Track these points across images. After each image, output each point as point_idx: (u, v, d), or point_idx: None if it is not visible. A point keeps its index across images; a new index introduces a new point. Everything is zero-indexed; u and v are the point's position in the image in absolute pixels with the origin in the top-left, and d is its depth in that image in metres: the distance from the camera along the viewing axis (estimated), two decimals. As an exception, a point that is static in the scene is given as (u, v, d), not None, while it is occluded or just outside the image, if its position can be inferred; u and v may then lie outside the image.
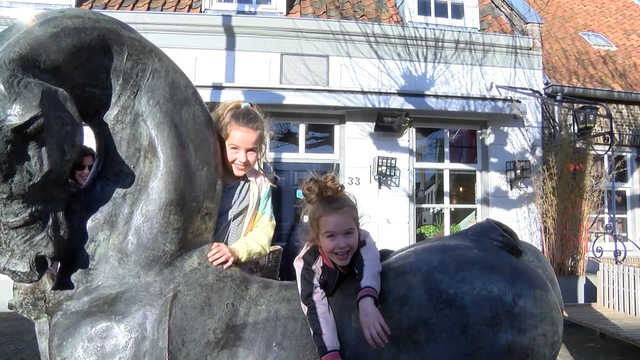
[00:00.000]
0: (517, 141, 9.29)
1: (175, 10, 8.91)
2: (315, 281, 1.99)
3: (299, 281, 2.04)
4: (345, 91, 8.52)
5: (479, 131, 9.55)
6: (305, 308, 1.98)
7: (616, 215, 9.72)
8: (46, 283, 2.11)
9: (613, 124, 8.85)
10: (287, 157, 9.00)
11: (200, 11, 8.98)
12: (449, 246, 2.01)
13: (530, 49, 9.50)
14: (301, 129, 9.13)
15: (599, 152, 8.88)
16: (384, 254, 2.13)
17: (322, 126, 9.39)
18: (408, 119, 8.84)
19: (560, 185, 8.53)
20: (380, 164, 8.50)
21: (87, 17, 1.90)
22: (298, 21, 8.92)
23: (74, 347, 1.82)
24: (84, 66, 1.86)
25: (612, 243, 8.36)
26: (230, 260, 2.18)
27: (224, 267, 2.15)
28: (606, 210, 9.57)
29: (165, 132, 2.03)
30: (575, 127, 9.17)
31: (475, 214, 9.57)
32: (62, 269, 2.00)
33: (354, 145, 8.86)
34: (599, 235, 8.72)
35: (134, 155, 2.03)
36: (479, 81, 9.33)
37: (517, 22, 9.84)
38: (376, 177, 8.69)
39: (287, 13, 9.28)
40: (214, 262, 2.13)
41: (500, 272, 1.82)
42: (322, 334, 1.89)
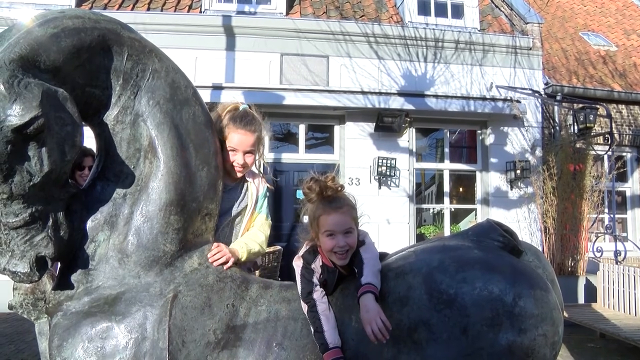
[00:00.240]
0: (517, 141, 9.29)
1: (175, 11, 8.91)
2: (315, 280, 2.00)
3: (298, 280, 2.04)
4: (345, 91, 8.52)
5: (479, 131, 9.55)
6: (305, 306, 1.98)
7: (616, 216, 9.71)
8: (46, 283, 2.11)
9: (613, 124, 8.85)
10: (287, 157, 9.00)
11: (200, 11, 8.98)
12: (449, 246, 2.01)
13: (530, 49, 9.50)
14: (301, 129, 9.13)
15: (599, 152, 8.88)
16: (380, 257, 2.13)
17: (322, 126, 9.39)
18: (408, 119, 8.84)
19: (560, 185, 8.53)
20: (380, 164, 8.50)
21: (87, 17, 1.90)
22: (298, 21, 8.93)
23: (74, 347, 1.82)
24: (84, 66, 1.86)
25: (612, 243, 8.36)
26: (231, 260, 2.18)
27: (225, 268, 2.15)
28: (606, 210, 9.56)
29: (166, 132, 2.03)
30: (575, 127, 9.18)
31: (476, 214, 9.57)
32: (62, 269, 2.00)
33: (354, 145, 8.85)
34: (599, 235, 8.72)
35: (134, 155, 2.03)
36: (479, 81, 9.33)
37: (517, 22, 9.84)
38: (376, 177, 8.69)
39: (287, 13, 9.28)
40: (215, 263, 2.13)
41: (501, 273, 1.82)
42: (324, 331, 1.89)
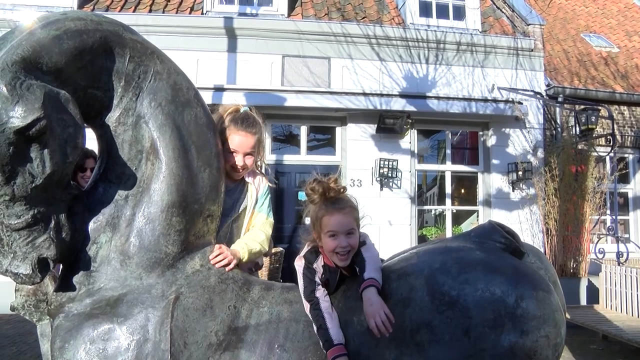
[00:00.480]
0: (519, 143, 9.28)
1: (177, 13, 8.92)
2: (317, 279, 2.00)
3: (300, 279, 2.04)
4: (346, 93, 8.52)
5: (480, 133, 9.54)
6: (308, 305, 1.97)
7: (618, 217, 9.68)
8: (48, 285, 2.11)
9: (615, 126, 8.83)
10: (288, 159, 9.00)
11: (202, 13, 8.99)
12: (451, 248, 2.01)
13: (532, 50, 9.50)
14: (303, 130, 9.13)
15: (600, 154, 8.87)
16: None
17: (323, 128, 9.39)
18: (409, 120, 8.83)
19: (562, 186, 8.52)
20: (381, 165, 8.49)
21: (89, 19, 1.91)
22: (299, 23, 8.93)
23: (76, 349, 1.81)
24: (86, 68, 1.87)
25: (615, 244, 8.34)
26: (233, 262, 2.18)
27: (227, 269, 2.15)
28: (608, 211, 9.54)
29: (167, 134, 2.04)
30: (577, 129, 9.16)
31: (477, 216, 9.56)
32: (64, 271, 2.00)
33: (355, 147, 8.85)
34: (601, 236, 8.71)
35: (136, 157, 2.03)
36: (481, 83, 9.32)
37: (518, 24, 9.84)
38: (378, 178, 8.68)
39: (289, 15, 9.29)
40: (217, 265, 2.13)
41: (503, 274, 1.81)
42: (328, 327, 1.89)
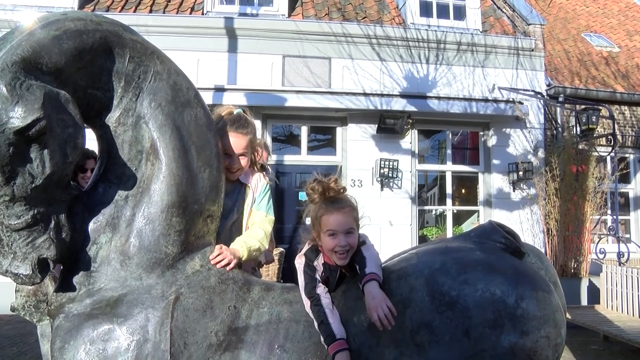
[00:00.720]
0: (520, 143, 9.27)
1: (177, 13, 8.93)
2: (318, 276, 2.01)
3: (301, 276, 2.04)
4: (347, 93, 8.52)
5: (481, 133, 9.53)
6: (308, 302, 1.97)
7: (619, 217, 9.69)
8: (48, 285, 2.11)
9: (615, 125, 8.83)
10: (289, 159, 9.00)
11: (203, 14, 8.99)
12: (451, 248, 2.01)
13: (533, 50, 9.49)
14: (303, 131, 9.13)
15: (601, 154, 8.86)
16: None
17: (324, 128, 9.39)
18: (410, 120, 8.83)
19: (562, 186, 8.51)
20: (382, 165, 8.49)
21: (89, 19, 1.91)
22: (300, 23, 8.93)
23: (76, 349, 1.81)
24: (86, 68, 1.87)
25: (615, 245, 8.34)
26: (233, 262, 2.18)
27: (227, 269, 2.15)
28: (609, 211, 9.52)
29: (167, 134, 2.03)
30: (578, 129, 9.15)
31: (478, 216, 9.55)
32: (64, 271, 2.00)
33: (356, 147, 8.85)
34: (602, 236, 8.70)
35: (136, 157, 2.03)
36: (481, 83, 9.32)
37: (519, 24, 9.83)
38: (378, 179, 8.68)
39: (289, 15, 9.29)
40: (217, 265, 2.13)
41: (503, 274, 1.81)
42: (330, 323, 1.88)
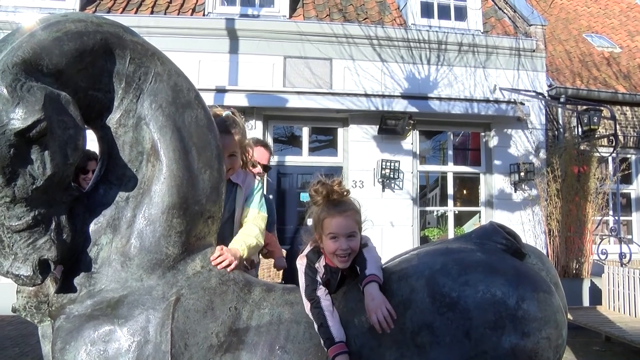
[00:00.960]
0: (521, 143, 9.27)
1: (178, 14, 8.94)
2: (319, 278, 2.00)
3: (302, 277, 2.04)
4: (348, 94, 8.53)
5: (482, 133, 9.53)
6: (308, 304, 1.97)
7: (621, 218, 9.67)
8: (49, 286, 2.11)
9: (617, 126, 8.81)
10: (290, 160, 9.01)
11: (204, 15, 9.00)
12: (451, 249, 2.01)
13: (534, 51, 9.48)
14: (304, 132, 9.13)
15: (603, 154, 8.85)
16: None
17: (325, 129, 9.39)
18: (411, 121, 8.83)
19: (564, 187, 8.50)
20: (383, 166, 8.49)
21: (90, 21, 1.91)
22: (301, 24, 8.94)
23: (77, 350, 1.81)
24: (86, 70, 1.87)
25: (617, 245, 8.32)
26: (234, 263, 2.17)
27: (228, 270, 2.14)
28: (611, 212, 9.52)
29: (168, 135, 2.03)
30: (579, 129, 9.15)
31: (479, 217, 9.55)
32: (65, 272, 2.00)
33: (357, 148, 8.85)
34: (603, 237, 8.68)
35: (136, 158, 2.03)
36: (483, 83, 9.31)
37: (520, 24, 9.83)
38: (380, 180, 8.68)
39: (290, 16, 9.29)
40: (219, 266, 2.12)
41: (504, 275, 1.81)
42: (329, 325, 1.88)
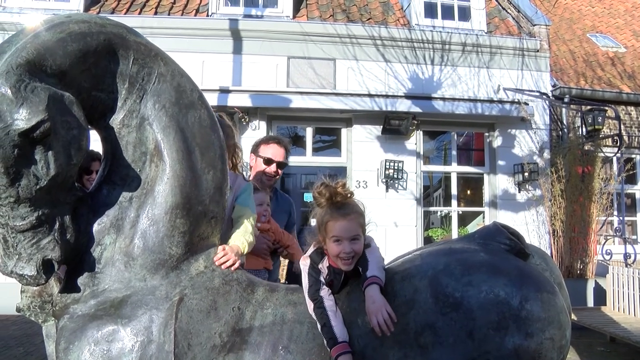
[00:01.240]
0: (525, 144, 9.24)
1: (182, 15, 8.96)
2: (322, 278, 2.00)
3: (305, 278, 2.03)
4: (352, 94, 8.53)
5: (486, 134, 9.51)
6: (312, 304, 1.97)
7: (626, 218, 9.63)
8: (53, 286, 2.12)
9: (622, 126, 8.78)
10: (294, 160, 8.99)
11: (207, 15, 9.02)
12: (455, 249, 2.00)
13: (538, 51, 9.46)
14: (308, 132, 9.14)
15: (607, 155, 8.82)
16: None
17: (329, 129, 9.40)
18: (415, 121, 8.83)
19: (568, 187, 8.48)
20: (387, 167, 8.48)
21: (94, 22, 1.91)
22: (305, 24, 8.94)
23: (81, 350, 1.82)
24: (90, 70, 1.87)
25: (622, 246, 8.29)
26: (237, 262, 2.18)
27: (232, 270, 2.15)
28: (615, 212, 9.48)
29: (171, 135, 2.04)
30: (584, 129, 9.12)
31: (483, 217, 9.52)
32: (68, 272, 2.01)
33: (361, 148, 8.85)
34: (608, 237, 8.66)
35: (140, 159, 2.04)
36: (486, 84, 9.30)
37: (524, 24, 9.81)
38: (383, 180, 8.67)
39: (294, 16, 9.30)
40: (222, 266, 2.13)
41: (507, 276, 1.81)
42: (332, 325, 1.88)
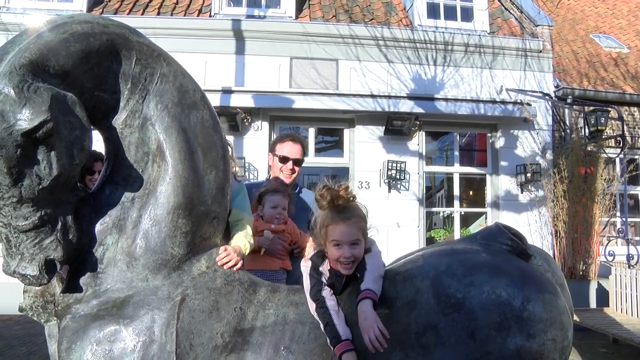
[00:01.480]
0: (528, 144, 9.23)
1: (184, 15, 8.96)
2: (324, 279, 2.00)
3: (306, 279, 2.04)
4: (354, 95, 8.53)
5: (489, 134, 9.50)
6: (314, 305, 1.97)
7: (629, 219, 9.61)
8: (56, 286, 2.12)
9: (625, 127, 8.77)
10: (296, 160, 8.99)
11: (210, 16, 9.02)
12: (457, 250, 2.00)
13: (541, 51, 9.44)
14: (311, 133, 9.13)
15: (610, 155, 8.80)
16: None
17: (331, 130, 9.39)
18: (418, 122, 8.82)
19: (571, 188, 8.46)
20: (389, 167, 8.47)
21: (96, 22, 1.92)
22: (307, 25, 8.94)
23: (83, 350, 1.82)
24: (92, 71, 1.88)
25: (625, 247, 8.27)
26: (240, 262, 2.18)
27: (234, 270, 2.15)
28: (618, 213, 9.46)
29: (174, 136, 2.04)
30: (586, 130, 9.11)
31: (486, 218, 9.51)
32: (71, 272, 2.01)
33: (363, 149, 8.84)
34: (611, 239, 8.64)
35: (142, 159, 2.04)
36: (489, 84, 9.28)
37: (527, 25, 9.79)
38: (386, 180, 8.66)
39: (297, 17, 9.30)
40: (225, 266, 2.13)
41: (509, 276, 1.81)
42: (335, 324, 1.88)
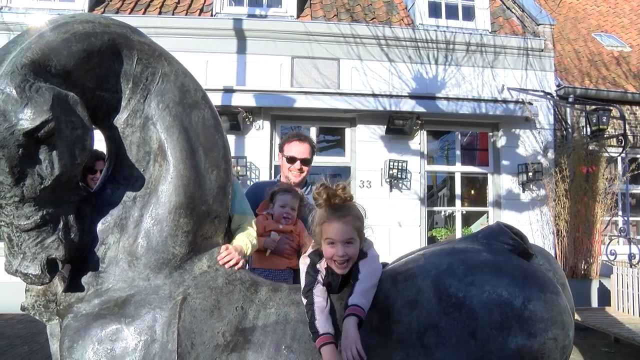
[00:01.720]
0: (529, 143, 9.21)
1: (186, 15, 8.96)
2: (320, 278, 2.01)
3: (303, 276, 2.06)
4: (356, 94, 8.52)
5: (490, 133, 9.48)
6: (305, 301, 2.00)
7: (630, 218, 9.60)
8: (57, 285, 2.13)
9: (627, 126, 8.75)
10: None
11: (211, 15, 9.02)
12: (458, 249, 2.00)
13: (542, 50, 9.42)
14: (312, 132, 9.12)
15: (612, 154, 8.79)
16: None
17: (333, 129, 9.39)
18: (419, 121, 8.81)
19: (572, 187, 8.45)
20: (391, 166, 8.47)
21: (98, 22, 1.92)
22: (309, 24, 8.94)
23: (84, 349, 1.83)
24: (94, 70, 1.88)
25: (626, 246, 8.26)
26: (241, 262, 2.18)
27: (235, 269, 2.15)
28: (620, 212, 9.44)
29: (175, 135, 2.05)
30: (588, 129, 9.09)
31: (487, 217, 9.50)
32: (72, 271, 2.02)
33: (365, 148, 8.84)
34: (612, 238, 8.62)
35: (143, 158, 2.05)
36: (491, 83, 9.27)
37: (528, 24, 9.77)
38: (387, 180, 8.66)
39: (298, 16, 9.30)
40: (226, 265, 2.13)
41: (510, 276, 1.80)
42: (316, 320, 1.90)
